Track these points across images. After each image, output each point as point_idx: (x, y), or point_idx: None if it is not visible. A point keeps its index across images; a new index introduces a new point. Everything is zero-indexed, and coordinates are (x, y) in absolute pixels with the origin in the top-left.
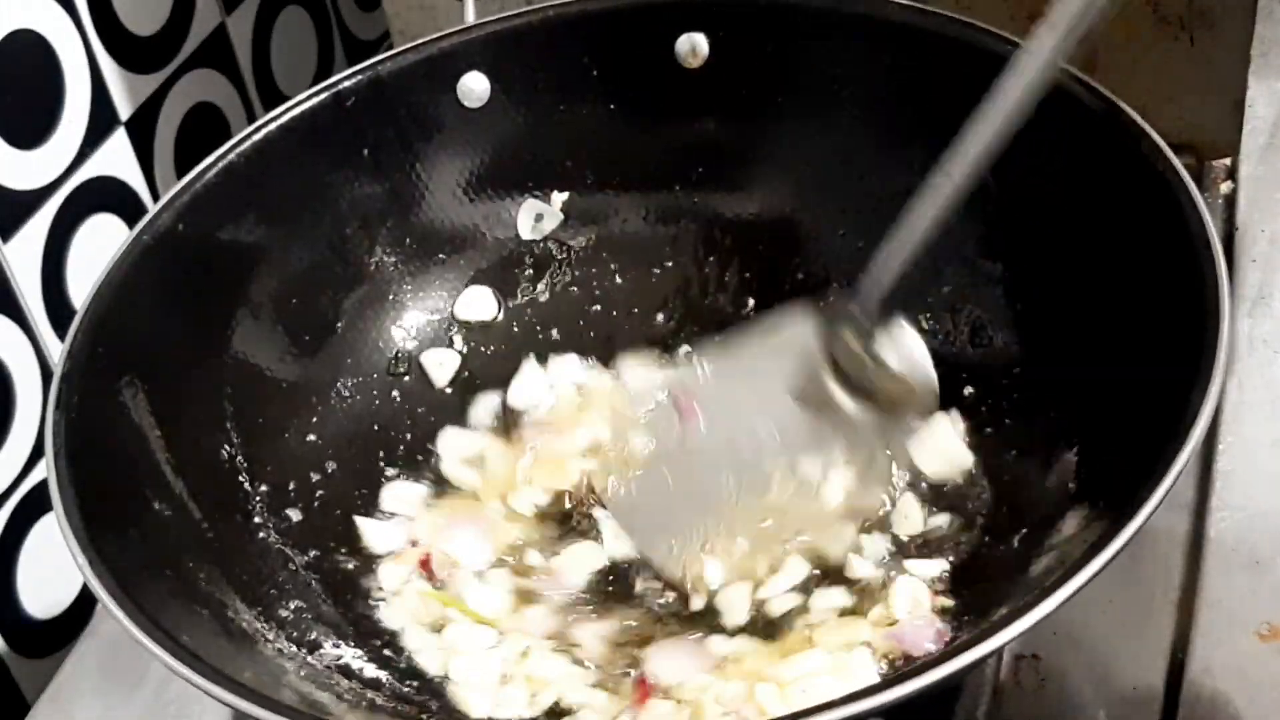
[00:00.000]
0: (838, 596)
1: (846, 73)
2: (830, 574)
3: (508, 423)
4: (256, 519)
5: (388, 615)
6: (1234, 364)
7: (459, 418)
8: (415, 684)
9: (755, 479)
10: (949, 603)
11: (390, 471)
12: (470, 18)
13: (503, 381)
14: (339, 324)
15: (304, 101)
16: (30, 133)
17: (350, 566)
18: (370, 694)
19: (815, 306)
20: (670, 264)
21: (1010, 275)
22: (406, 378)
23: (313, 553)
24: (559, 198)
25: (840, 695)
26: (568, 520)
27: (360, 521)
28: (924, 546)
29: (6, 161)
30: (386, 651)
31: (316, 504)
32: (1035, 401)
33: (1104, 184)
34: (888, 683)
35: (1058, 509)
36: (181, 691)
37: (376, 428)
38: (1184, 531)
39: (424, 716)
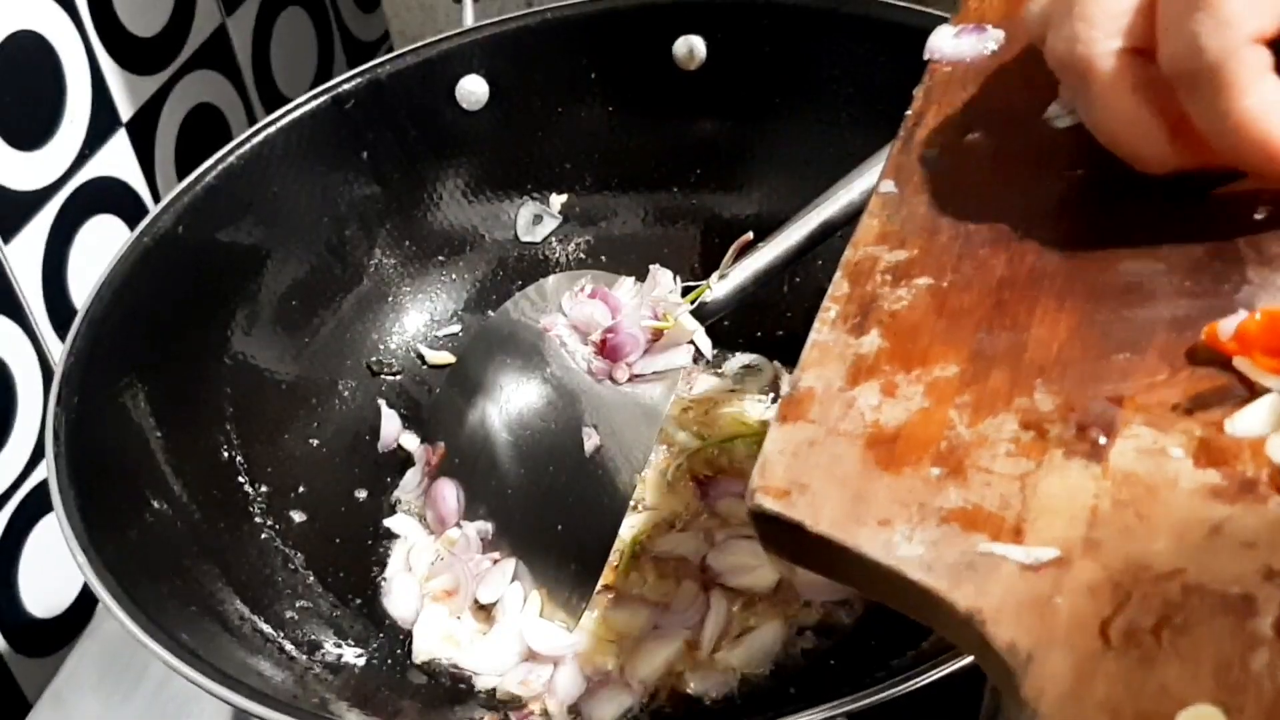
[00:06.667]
0: None
1: (844, 73)
2: None
3: None
4: (257, 519)
5: (389, 614)
6: None
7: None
8: (416, 683)
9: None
10: None
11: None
12: (469, 20)
13: None
14: (338, 325)
15: (303, 104)
16: (31, 134)
17: (351, 567)
18: (370, 693)
19: None
20: (669, 265)
21: None
22: (406, 378)
23: (313, 553)
24: (558, 199)
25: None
26: None
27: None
28: None
29: (8, 162)
30: (387, 650)
31: (316, 505)
32: None
33: None
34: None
35: None
36: (181, 691)
37: (376, 428)
38: None
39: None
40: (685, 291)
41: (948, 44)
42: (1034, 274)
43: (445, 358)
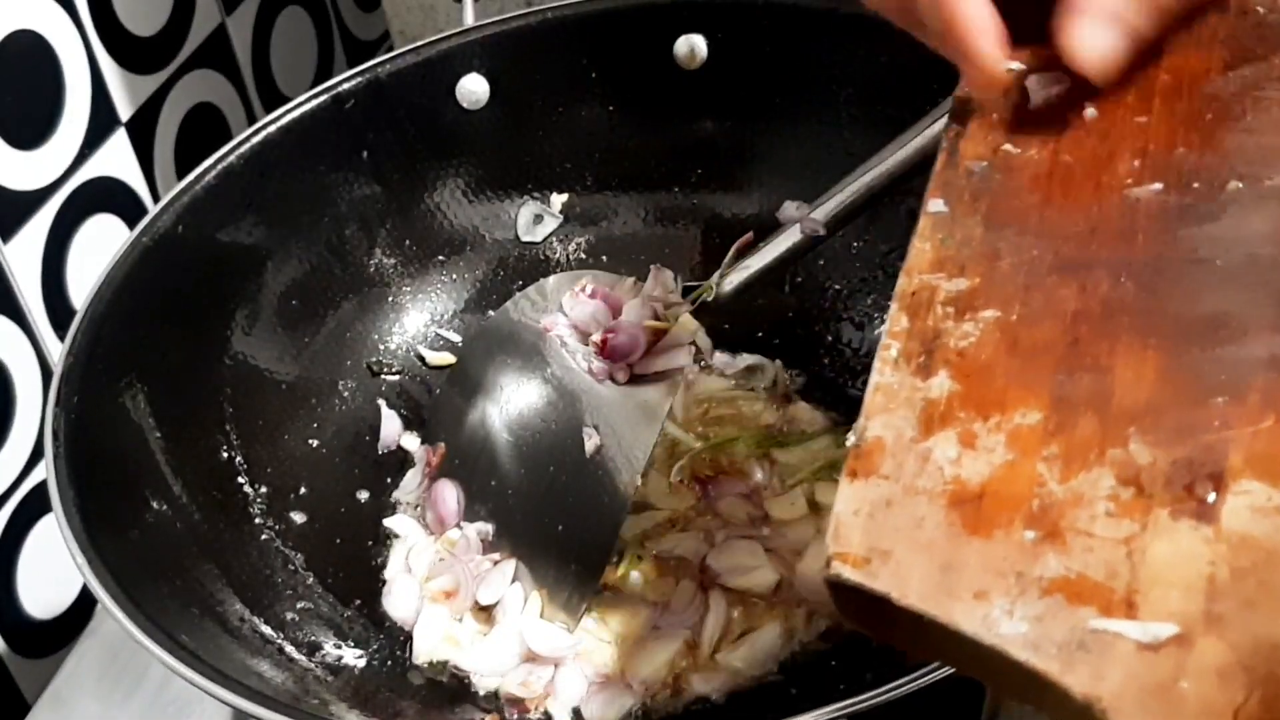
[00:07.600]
0: None
1: (844, 73)
2: None
3: None
4: (257, 520)
5: (389, 616)
6: None
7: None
8: (416, 684)
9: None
10: None
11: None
12: (469, 19)
13: None
14: (338, 325)
15: (303, 104)
16: (31, 133)
17: (351, 568)
18: (371, 694)
19: None
20: (670, 265)
21: None
22: (406, 378)
23: (313, 554)
24: (558, 199)
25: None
26: None
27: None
28: None
29: (7, 162)
30: (387, 651)
31: (316, 505)
32: None
33: None
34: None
35: None
36: (181, 691)
37: (376, 428)
38: None
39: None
40: (686, 291)
41: None
42: (1109, 306)
43: (445, 358)
